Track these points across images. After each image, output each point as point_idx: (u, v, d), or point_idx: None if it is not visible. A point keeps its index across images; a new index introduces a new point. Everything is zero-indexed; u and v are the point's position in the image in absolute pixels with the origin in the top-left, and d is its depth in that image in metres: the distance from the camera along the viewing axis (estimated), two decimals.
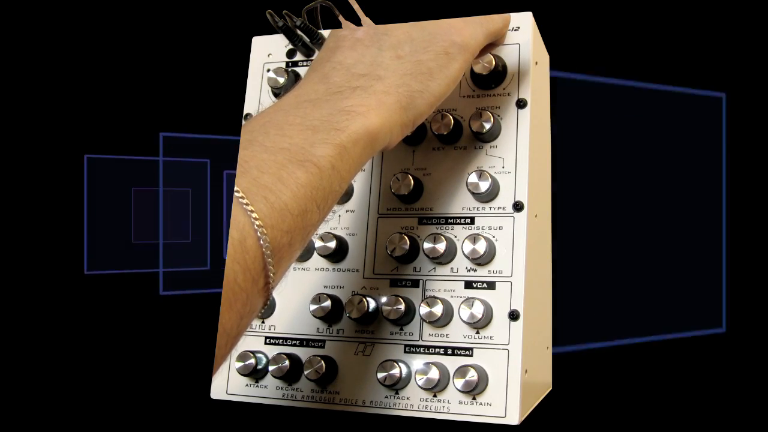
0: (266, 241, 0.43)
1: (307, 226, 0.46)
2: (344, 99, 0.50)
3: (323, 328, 0.66)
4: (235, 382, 0.67)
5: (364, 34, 0.55)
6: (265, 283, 0.44)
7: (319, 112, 0.49)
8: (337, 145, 0.47)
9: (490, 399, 0.59)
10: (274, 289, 0.45)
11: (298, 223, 0.45)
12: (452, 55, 0.55)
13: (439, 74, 0.54)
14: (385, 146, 0.53)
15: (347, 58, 0.53)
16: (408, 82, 0.53)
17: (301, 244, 0.47)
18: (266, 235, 0.43)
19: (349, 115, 0.49)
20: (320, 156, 0.46)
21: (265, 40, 0.74)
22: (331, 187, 0.47)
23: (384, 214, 0.66)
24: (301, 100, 0.50)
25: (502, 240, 0.62)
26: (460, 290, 0.62)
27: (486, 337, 0.61)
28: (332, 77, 0.52)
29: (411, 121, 0.54)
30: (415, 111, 0.53)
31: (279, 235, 0.43)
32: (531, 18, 0.66)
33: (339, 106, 0.49)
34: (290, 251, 0.45)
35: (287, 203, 0.44)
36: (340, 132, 0.48)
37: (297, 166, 0.45)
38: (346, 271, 0.66)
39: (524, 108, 0.64)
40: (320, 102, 0.50)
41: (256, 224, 0.42)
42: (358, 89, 0.51)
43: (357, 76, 0.52)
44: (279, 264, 0.45)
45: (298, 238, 0.46)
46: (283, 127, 0.47)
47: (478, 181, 0.62)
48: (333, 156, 0.47)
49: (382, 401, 0.62)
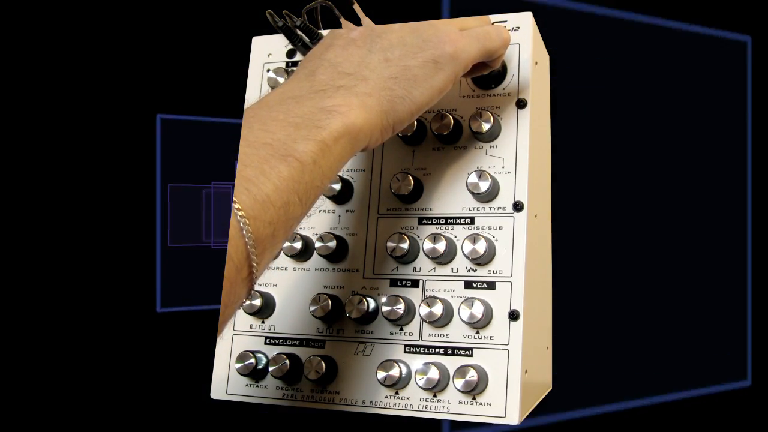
0: (249, 232, 0.44)
1: (289, 218, 0.47)
2: (327, 98, 0.51)
3: (323, 328, 0.66)
4: (235, 382, 0.67)
5: (359, 35, 0.56)
6: (248, 273, 0.45)
7: (301, 109, 0.49)
8: (318, 142, 0.48)
9: (490, 399, 0.59)
10: (257, 279, 0.46)
11: (281, 215, 0.46)
12: (441, 65, 0.55)
13: (424, 82, 0.54)
14: (365, 146, 0.53)
15: (337, 57, 0.54)
16: (392, 86, 0.53)
17: (284, 236, 0.48)
18: (248, 225, 0.43)
19: (330, 114, 0.49)
20: (302, 151, 0.47)
21: (265, 40, 0.74)
22: (312, 182, 0.48)
23: (384, 214, 0.66)
24: (286, 96, 0.51)
25: (502, 240, 0.62)
26: (460, 290, 0.62)
27: (486, 337, 0.61)
28: (318, 75, 0.53)
29: (390, 126, 0.54)
30: (395, 116, 0.53)
31: (262, 227, 0.44)
32: (531, 18, 0.66)
33: (321, 104, 0.50)
34: (273, 242, 0.46)
35: (269, 195, 0.45)
36: (321, 129, 0.49)
37: (279, 160, 0.46)
38: (346, 271, 0.66)
39: (524, 108, 0.64)
40: (303, 99, 0.50)
41: (238, 215, 0.43)
42: (341, 88, 0.52)
43: (342, 75, 0.52)
44: (262, 255, 0.45)
45: (281, 230, 0.46)
46: (267, 123, 0.48)
47: (478, 181, 0.62)
48: (315, 152, 0.48)
49: (382, 401, 0.62)
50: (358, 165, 0.68)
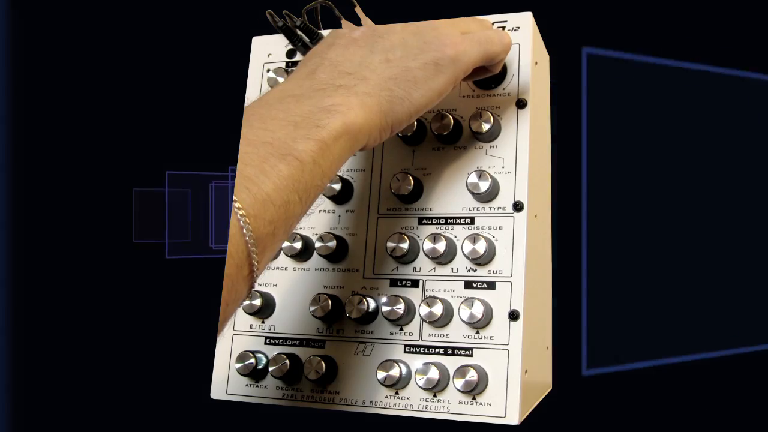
0: (249, 230, 0.44)
1: (289, 217, 0.47)
2: (326, 97, 0.51)
3: (323, 328, 0.66)
4: (235, 382, 0.67)
5: (361, 35, 0.56)
6: (249, 271, 0.45)
7: (301, 108, 0.49)
8: (318, 141, 0.48)
9: (490, 399, 0.59)
10: (258, 277, 0.47)
11: (281, 214, 0.46)
12: (441, 68, 0.55)
13: (423, 84, 0.54)
14: (364, 146, 0.53)
15: (338, 56, 0.54)
16: (391, 86, 0.53)
17: (284, 234, 0.48)
18: (249, 224, 0.44)
19: (330, 113, 0.50)
20: (302, 150, 0.47)
21: (265, 40, 0.74)
22: (312, 181, 0.48)
23: (384, 214, 0.66)
24: (286, 94, 0.51)
25: (502, 240, 0.62)
26: (460, 290, 0.62)
27: (486, 337, 0.61)
28: (318, 73, 0.53)
29: (389, 126, 0.54)
30: (394, 117, 0.53)
31: (262, 225, 0.45)
32: (531, 18, 0.66)
33: (321, 104, 0.50)
34: (273, 241, 0.47)
35: (269, 194, 0.45)
36: (320, 129, 0.49)
37: (279, 159, 0.46)
38: (346, 271, 0.66)
39: (524, 108, 0.64)
40: (303, 98, 0.50)
41: (239, 213, 0.43)
42: (341, 88, 0.52)
43: (343, 74, 0.53)
44: (263, 253, 0.46)
45: (281, 229, 0.47)
46: (266, 121, 0.48)
47: (478, 181, 0.62)
48: (314, 151, 0.48)
49: (382, 401, 0.62)
50: (358, 165, 0.68)
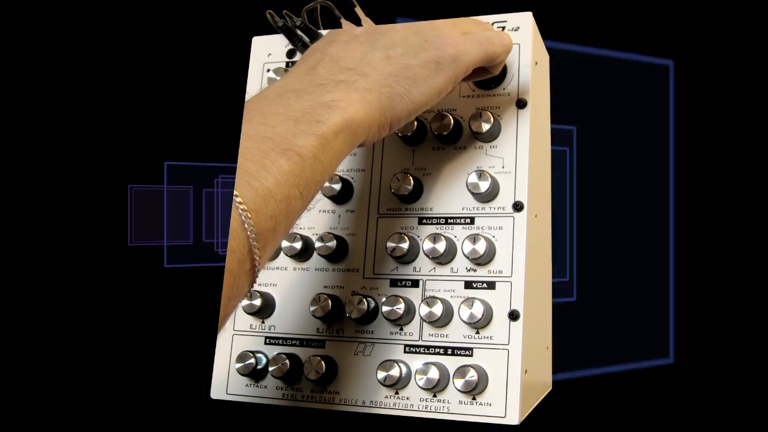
0: (250, 225, 0.44)
1: (290, 212, 0.47)
2: (326, 92, 0.51)
3: (323, 328, 0.66)
4: (235, 382, 0.67)
5: (362, 32, 0.56)
6: (251, 267, 0.45)
7: (301, 103, 0.50)
8: (318, 136, 0.48)
9: (490, 399, 0.59)
10: (260, 272, 0.47)
11: (282, 209, 0.46)
12: (442, 66, 0.55)
13: (423, 82, 0.54)
14: (363, 142, 0.53)
15: (339, 52, 0.54)
16: (391, 83, 0.53)
17: (285, 230, 0.48)
18: (250, 219, 0.44)
19: (330, 108, 0.50)
20: (302, 146, 0.47)
21: (265, 40, 0.74)
22: (313, 176, 0.48)
23: (384, 214, 0.66)
24: (286, 90, 0.51)
25: (502, 240, 0.62)
26: (460, 290, 0.62)
27: (486, 337, 0.61)
28: (319, 69, 0.53)
29: (388, 123, 0.54)
30: (393, 114, 0.53)
31: (263, 220, 0.45)
32: (531, 18, 0.66)
33: (321, 99, 0.50)
34: (275, 236, 0.47)
35: (270, 189, 0.45)
36: (321, 124, 0.49)
37: (279, 154, 0.46)
38: (346, 271, 0.66)
39: (524, 108, 0.64)
40: (303, 93, 0.50)
41: (240, 208, 0.43)
42: (341, 83, 0.52)
43: (343, 70, 0.53)
44: (264, 248, 0.46)
45: (282, 224, 0.47)
46: (267, 116, 0.48)
47: (478, 181, 0.62)
48: (315, 146, 0.48)
49: (382, 401, 0.62)
50: (358, 165, 0.68)
